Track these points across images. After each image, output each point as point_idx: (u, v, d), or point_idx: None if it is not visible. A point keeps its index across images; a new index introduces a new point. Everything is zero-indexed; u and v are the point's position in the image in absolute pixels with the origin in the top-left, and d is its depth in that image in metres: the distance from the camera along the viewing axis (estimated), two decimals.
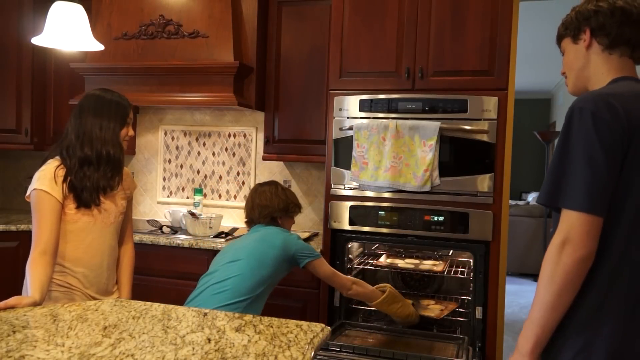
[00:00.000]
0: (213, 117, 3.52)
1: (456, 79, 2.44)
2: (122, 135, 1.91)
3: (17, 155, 3.94)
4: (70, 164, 1.81)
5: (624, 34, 1.31)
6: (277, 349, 1.27)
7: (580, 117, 1.18)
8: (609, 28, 1.32)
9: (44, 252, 1.71)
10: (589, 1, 1.37)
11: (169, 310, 1.56)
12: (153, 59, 3.08)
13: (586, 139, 1.17)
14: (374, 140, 2.47)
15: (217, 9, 3.02)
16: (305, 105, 3.04)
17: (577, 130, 1.19)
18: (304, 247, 2.21)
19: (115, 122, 1.87)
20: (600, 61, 1.35)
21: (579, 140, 1.18)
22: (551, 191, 1.21)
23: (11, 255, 2.92)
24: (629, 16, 1.31)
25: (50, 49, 3.32)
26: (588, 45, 1.36)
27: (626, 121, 1.17)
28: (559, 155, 1.21)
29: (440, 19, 2.47)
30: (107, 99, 1.90)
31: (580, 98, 1.22)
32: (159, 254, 2.88)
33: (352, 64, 2.61)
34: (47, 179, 1.77)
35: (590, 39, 1.35)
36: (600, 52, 1.35)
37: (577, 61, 1.39)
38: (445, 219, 2.43)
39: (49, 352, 1.19)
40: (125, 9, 3.15)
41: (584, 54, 1.37)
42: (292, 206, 2.37)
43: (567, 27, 1.41)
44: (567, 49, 1.42)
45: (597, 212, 1.15)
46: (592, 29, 1.35)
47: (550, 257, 1.17)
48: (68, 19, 1.77)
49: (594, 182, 1.15)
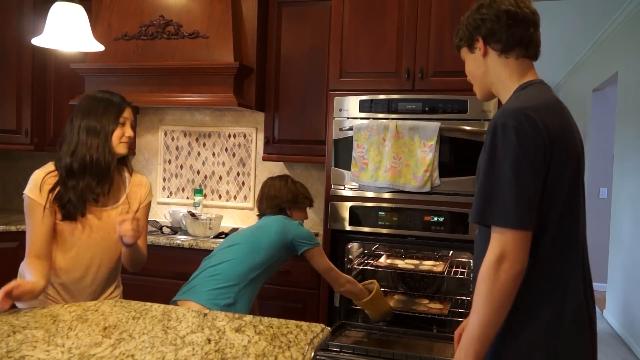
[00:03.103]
0: (213, 117, 3.52)
1: (456, 79, 2.43)
2: (117, 136, 1.76)
3: (17, 155, 3.94)
4: (60, 173, 1.75)
5: (514, 36, 1.34)
6: (277, 349, 1.27)
7: (504, 133, 1.19)
8: (499, 33, 1.34)
9: (38, 256, 1.70)
10: (475, 11, 1.39)
11: (169, 311, 1.56)
12: (153, 60, 3.08)
13: (513, 155, 1.18)
14: (373, 140, 2.47)
15: (217, 10, 3.02)
16: (305, 105, 3.04)
17: (502, 146, 1.19)
18: (303, 234, 2.20)
19: (104, 123, 1.74)
20: (499, 66, 1.37)
21: (505, 157, 1.18)
22: (482, 209, 1.21)
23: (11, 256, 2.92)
24: (515, 17, 1.33)
25: (51, 50, 3.32)
26: (484, 53, 1.38)
27: (546, 135, 1.19)
28: (487, 172, 1.22)
29: (440, 19, 2.47)
30: (98, 98, 1.79)
31: (500, 114, 1.22)
32: (159, 255, 2.88)
33: (352, 64, 2.61)
34: (33, 185, 1.73)
35: (485, 47, 1.38)
36: (496, 57, 1.37)
37: (477, 69, 1.41)
38: (445, 219, 2.43)
39: (49, 352, 1.19)
40: (125, 10, 3.15)
41: (482, 61, 1.39)
42: (301, 197, 2.36)
43: (461, 39, 1.44)
44: (466, 58, 1.45)
45: (528, 228, 1.17)
46: (483, 37, 1.37)
47: (486, 275, 1.18)
48: (68, 20, 1.77)
49: (523, 198, 1.17)
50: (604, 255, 5.31)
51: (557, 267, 1.24)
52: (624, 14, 4.59)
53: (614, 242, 4.86)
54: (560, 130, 1.23)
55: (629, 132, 4.47)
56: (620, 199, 4.68)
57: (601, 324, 4.77)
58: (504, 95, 1.39)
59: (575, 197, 1.26)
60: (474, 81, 1.45)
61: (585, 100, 6.16)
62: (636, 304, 4.07)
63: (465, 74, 1.44)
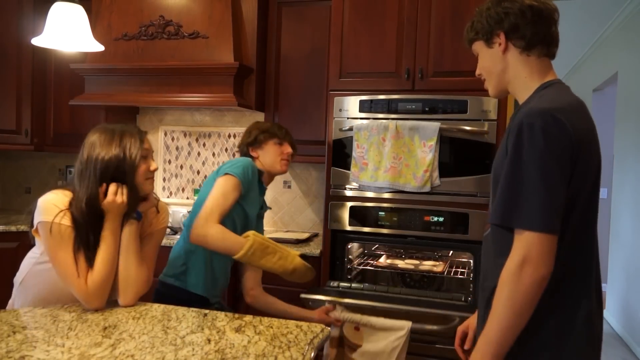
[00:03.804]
0: (213, 117, 3.52)
1: (456, 79, 2.44)
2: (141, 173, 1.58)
3: (17, 155, 3.94)
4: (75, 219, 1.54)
5: (539, 33, 1.29)
6: (277, 349, 1.27)
7: (531, 133, 1.15)
8: (523, 29, 1.29)
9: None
10: (496, 3, 1.33)
11: (169, 311, 1.56)
12: (153, 60, 3.08)
13: (540, 156, 1.13)
14: (373, 140, 2.47)
15: (217, 10, 3.02)
16: (305, 105, 3.04)
17: (528, 146, 1.15)
18: (231, 165, 1.94)
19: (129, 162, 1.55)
20: (519, 64, 1.32)
21: (532, 158, 1.14)
22: (505, 211, 1.17)
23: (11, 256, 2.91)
24: (539, 13, 1.28)
25: (51, 50, 3.32)
26: (504, 49, 1.32)
27: (573, 136, 1.15)
28: (511, 173, 1.17)
29: (440, 19, 2.47)
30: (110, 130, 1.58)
31: (528, 114, 1.18)
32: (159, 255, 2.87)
33: (352, 64, 2.61)
34: (54, 209, 1.51)
35: (507, 43, 1.31)
36: (518, 54, 1.31)
37: (495, 65, 1.35)
38: (445, 219, 2.43)
39: (49, 352, 1.19)
40: (125, 10, 3.15)
41: (501, 57, 1.33)
42: (255, 131, 2.12)
43: (477, 32, 1.36)
44: (481, 52, 1.38)
45: (554, 231, 1.14)
46: (506, 32, 1.31)
47: (509, 278, 1.15)
48: (68, 20, 1.77)
49: (550, 201, 1.13)
50: (604, 255, 5.31)
51: (572, 273, 1.21)
52: (624, 14, 4.59)
53: (614, 242, 4.86)
54: (586, 132, 1.19)
55: (629, 132, 4.47)
56: (620, 199, 4.68)
57: None
58: (522, 94, 1.33)
59: (594, 201, 1.23)
60: (489, 77, 1.38)
61: (585, 100, 6.14)
62: (636, 304, 4.07)
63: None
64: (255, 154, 2.13)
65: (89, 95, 3.19)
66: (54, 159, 3.87)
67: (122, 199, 1.53)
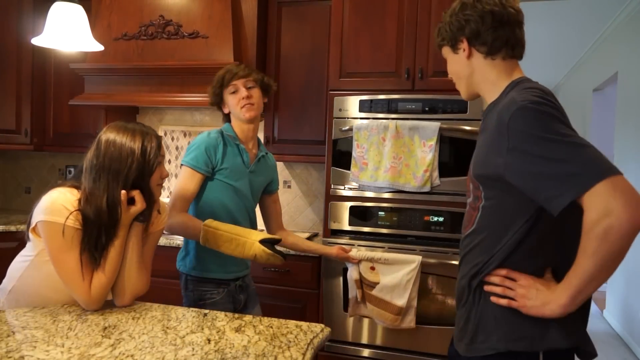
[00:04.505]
0: (213, 117, 3.51)
1: None
2: (155, 180, 1.57)
3: (17, 155, 3.94)
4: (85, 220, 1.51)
5: (500, 38, 1.29)
6: (277, 349, 1.27)
7: (536, 110, 1.11)
8: (485, 35, 1.30)
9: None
10: (458, 10, 1.35)
11: (169, 311, 1.56)
12: (153, 60, 3.08)
13: (551, 125, 1.09)
14: (373, 140, 2.46)
15: (217, 10, 3.02)
16: (305, 105, 3.04)
17: (535, 124, 1.11)
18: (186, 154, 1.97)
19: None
20: (486, 68, 1.33)
21: (545, 130, 1.09)
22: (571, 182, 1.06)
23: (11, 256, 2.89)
24: (500, 18, 1.29)
25: (50, 50, 3.32)
26: (468, 55, 1.34)
27: (562, 109, 1.16)
28: (537, 155, 1.09)
29: (440, 19, 2.47)
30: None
31: (512, 102, 1.16)
32: (159, 254, 2.85)
33: (352, 64, 2.61)
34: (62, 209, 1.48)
35: (470, 49, 1.33)
36: (482, 59, 1.33)
37: (462, 70, 1.37)
38: (445, 219, 2.43)
39: (49, 352, 1.19)
40: (125, 10, 3.15)
41: (467, 63, 1.35)
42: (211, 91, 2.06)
43: (443, 38, 1.39)
44: (448, 57, 1.41)
45: (619, 172, 1.04)
46: (468, 38, 1.33)
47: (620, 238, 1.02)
48: (68, 20, 1.77)
49: (591, 149, 1.06)
50: None
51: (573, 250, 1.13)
52: (624, 14, 4.59)
53: None
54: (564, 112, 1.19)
55: (629, 132, 4.47)
56: None
57: (601, 324, 4.77)
58: (492, 94, 1.33)
59: None
60: (459, 81, 1.41)
61: (585, 100, 6.16)
62: (636, 304, 4.07)
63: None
64: (225, 109, 2.09)
65: (89, 95, 3.19)
66: (53, 159, 3.87)
67: (142, 206, 1.52)
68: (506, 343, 1.21)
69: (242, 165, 2.02)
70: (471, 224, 1.33)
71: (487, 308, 1.25)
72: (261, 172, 2.11)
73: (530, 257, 1.22)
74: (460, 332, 1.34)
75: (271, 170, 2.20)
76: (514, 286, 1.20)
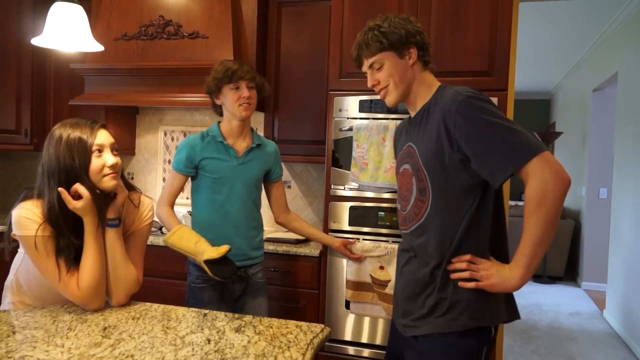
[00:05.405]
0: (213, 117, 3.51)
1: (456, 79, 2.43)
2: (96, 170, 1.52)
3: (17, 155, 3.94)
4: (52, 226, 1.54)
5: (429, 53, 1.56)
6: (277, 349, 1.27)
7: (478, 98, 1.35)
8: (427, 47, 1.53)
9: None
10: (407, 20, 1.52)
11: (169, 311, 1.56)
12: (153, 60, 3.08)
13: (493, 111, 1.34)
14: (373, 140, 2.46)
15: (217, 10, 3.02)
16: (305, 105, 3.04)
17: (487, 107, 1.34)
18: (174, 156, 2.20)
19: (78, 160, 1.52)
20: (424, 76, 1.54)
21: (494, 113, 1.33)
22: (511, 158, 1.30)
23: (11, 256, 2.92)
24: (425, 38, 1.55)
25: (50, 50, 3.32)
26: (414, 62, 1.51)
27: None
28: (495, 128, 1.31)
29: (440, 19, 2.47)
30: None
31: (460, 92, 1.36)
32: (159, 255, 2.88)
33: (352, 64, 2.57)
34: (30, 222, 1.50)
35: (417, 57, 1.51)
36: (421, 68, 1.53)
37: (404, 75, 1.51)
38: None
39: (49, 352, 1.19)
40: (125, 10, 3.15)
41: (410, 69, 1.52)
42: (211, 80, 2.14)
43: (392, 43, 1.49)
44: (387, 61, 1.51)
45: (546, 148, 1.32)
46: (418, 47, 1.51)
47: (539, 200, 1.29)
48: (68, 20, 1.77)
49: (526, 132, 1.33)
50: (604, 255, 5.30)
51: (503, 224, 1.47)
52: (624, 14, 4.59)
53: (614, 242, 4.86)
54: None
55: (629, 132, 4.47)
56: (620, 199, 4.67)
57: (601, 324, 4.77)
58: (425, 97, 1.51)
59: None
60: (395, 86, 1.51)
61: (585, 100, 6.16)
62: (636, 304, 4.07)
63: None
64: (219, 101, 2.19)
65: (89, 95, 3.19)
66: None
67: (87, 196, 1.48)
68: (475, 320, 1.39)
69: (228, 159, 2.16)
70: (418, 217, 1.46)
71: (457, 292, 1.40)
72: (254, 161, 2.23)
73: (483, 237, 1.41)
74: (426, 316, 1.45)
75: (269, 158, 2.30)
76: (477, 269, 1.38)
